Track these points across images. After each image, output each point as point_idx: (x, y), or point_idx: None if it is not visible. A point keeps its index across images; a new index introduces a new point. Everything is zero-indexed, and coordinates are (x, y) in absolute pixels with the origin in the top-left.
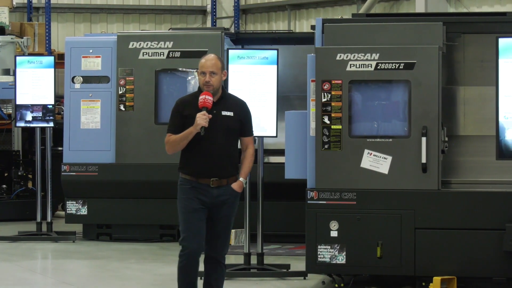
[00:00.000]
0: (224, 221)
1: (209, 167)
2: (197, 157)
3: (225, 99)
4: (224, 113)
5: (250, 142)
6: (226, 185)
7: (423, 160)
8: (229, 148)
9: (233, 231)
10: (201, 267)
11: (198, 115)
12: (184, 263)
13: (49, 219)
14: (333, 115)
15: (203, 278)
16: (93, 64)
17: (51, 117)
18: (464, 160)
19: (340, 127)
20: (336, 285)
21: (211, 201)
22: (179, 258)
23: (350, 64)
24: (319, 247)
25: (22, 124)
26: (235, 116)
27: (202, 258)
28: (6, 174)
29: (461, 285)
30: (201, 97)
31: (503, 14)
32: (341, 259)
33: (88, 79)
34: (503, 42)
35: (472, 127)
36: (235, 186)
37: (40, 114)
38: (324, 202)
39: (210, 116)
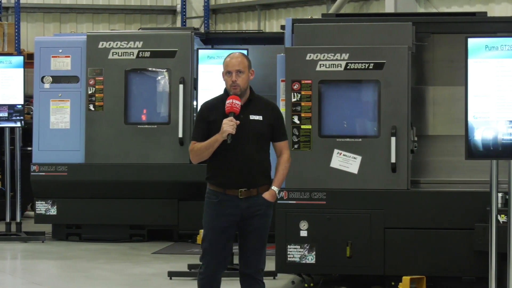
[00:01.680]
0: (256, 234)
1: (237, 177)
2: (224, 166)
3: (253, 102)
4: (252, 117)
5: (285, 147)
6: (256, 195)
7: (393, 160)
8: (259, 155)
9: (202, 231)
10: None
11: (225, 121)
12: (205, 282)
13: (18, 219)
14: (303, 115)
15: None
16: (62, 64)
17: (20, 117)
18: (433, 160)
19: (310, 127)
20: (306, 285)
21: (241, 213)
22: (199, 275)
23: (320, 64)
24: (288, 247)
25: None
26: (264, 120)
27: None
28: None
29: (430, 284)
30: (228, 102)
31: (473, 14)
32: (311, 258)
33: (57, 79)
34: (472, 42)
35: (441, 127)
36: (266, 195)
37: (6, 114)
38: (294, 202)
39: (238, 122)
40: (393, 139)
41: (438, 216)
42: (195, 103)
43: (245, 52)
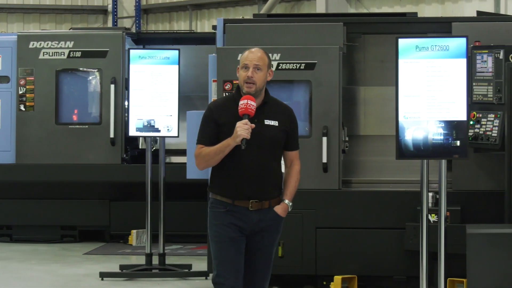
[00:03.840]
0: (264, 252)
1: (248, 188)
2: (234, 174)
3: (268, 105)
4: (267, 122)
5: (296, 157)
6: (267, 208)
7: (324, 160)
8: (272, 164)
9: (134, 231)
10: None
11: (239, 124)
12: None
13: None
14: None
15: None
16: None
17: None
18: (364, 160)
19: None
20: None
21: (250, 227)
22: None
23: None
24: None
25: None
26: (280, 126)
27: None
28: None
29: (361, 284)
30: (242, 102)
31: (403, 14)
32: None
33: None
34: (402, 42)
35: (372, 127)
36: (278, 210)
37: None
38: None
39: (253, 125)
40: (324, 139)
41: (369, 216)
42: (126, 103)
43: (176, 52)
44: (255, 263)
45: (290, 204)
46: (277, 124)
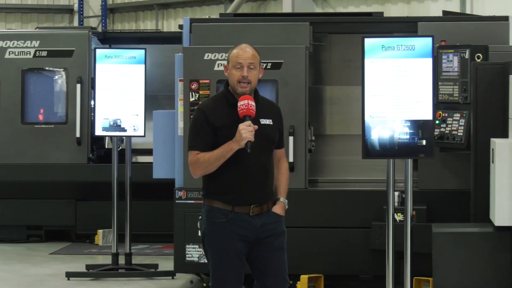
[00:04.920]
0: (278, 255)
1: (250, 192)
2: (235, 179)
3: (260, 103)
4: (263, 121)
5: (283, 154)
6: (267, 211)
7: (291, 159)
8: (271, 165)
9: (100, 231)
10: None
11: (242, 126)
12: None
13: None
14: None
15: None
16: None
17: None
18: (330, 159)
19: None
20: (204, 284)
21: (255, 234)
22: None
23: (218, 64)
24: (187, 246)
25: None
26: (274, 124)
27: None
28: None
29: (328, 283)
30: (243, 103)
31: (369, 14)
32: None
33: None
34: (369, 42)
35: (338, 126)
36: (277, 209)
37: None
38: (193, 201)
39: (256, 127)
40: (291, 138)
41: (336, 215)
42: (92, 102)
43: (142, 51)
44: (272, 268)
45: (286, 201)
46: (271, 123)
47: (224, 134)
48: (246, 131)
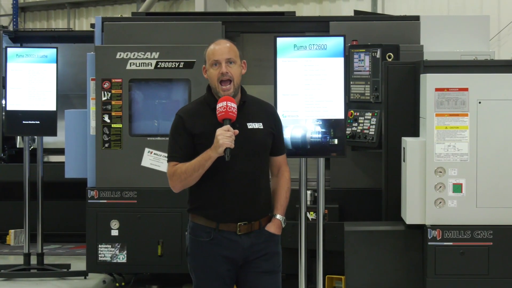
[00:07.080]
0: (269, 278)
1: (234, 207)
2: (216, 192)
3: (248, 104)
4: (250, 125)
5: (284, 162)
6: (258, 229)
7: None
8: (261, 176)
9: (12, 231)
10: None
11: (220, 131)
12: None
13: None
14: (113, 113)
15: None
16: None
17: None
18: None
19: (121, 126)
20: (117, 284)
21: (242, 256)
22: None
23: (130, 63)
24: (99, 246)
25: None
26: (265, 128)
27: None
28: None
29: None
30: (221, 105)
31: (281, 14)
32: (122, 258)
33: None
34: (281, 41)
35: None
36: (271, 228)
37: None
38: (105, 201)
39: (236, 131)
40: None
41: None
42: (3, 102)
43: (54, 50)
44: None
45: (283, 218)
46: (261, 127)
47: (203, 142)
48: (223, 136)
